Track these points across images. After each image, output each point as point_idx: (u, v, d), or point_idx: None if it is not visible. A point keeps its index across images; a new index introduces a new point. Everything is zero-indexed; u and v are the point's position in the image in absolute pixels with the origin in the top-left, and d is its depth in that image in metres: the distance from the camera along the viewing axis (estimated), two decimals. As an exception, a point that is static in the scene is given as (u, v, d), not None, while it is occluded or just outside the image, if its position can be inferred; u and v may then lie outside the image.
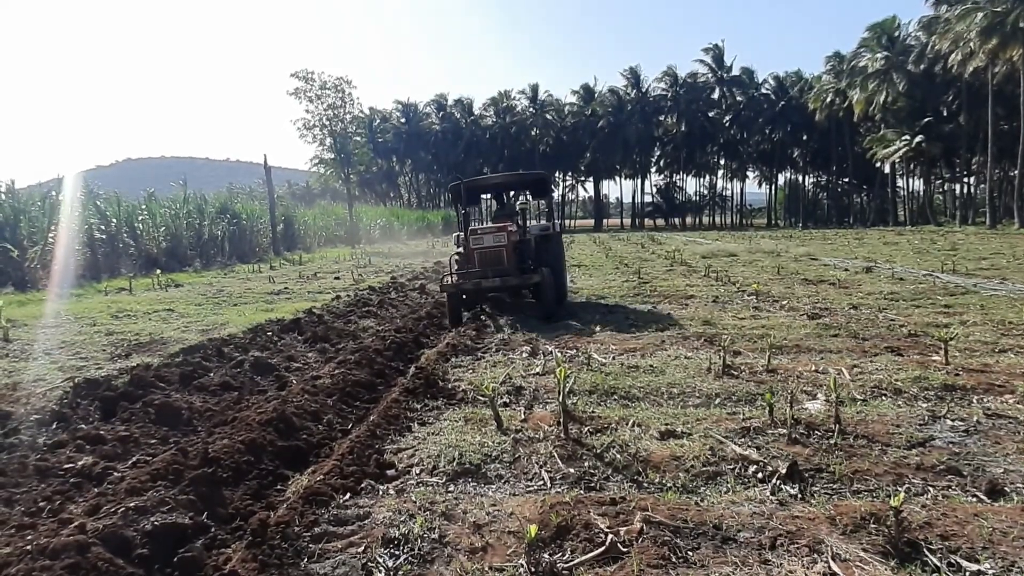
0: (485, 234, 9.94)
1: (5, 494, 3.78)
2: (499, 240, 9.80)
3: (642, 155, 79.69)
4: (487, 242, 9.84)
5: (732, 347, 7.12)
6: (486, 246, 9.83)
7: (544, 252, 10.64)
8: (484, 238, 9.88)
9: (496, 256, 9.79)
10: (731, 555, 2.88)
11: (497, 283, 9.55)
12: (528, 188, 13.11)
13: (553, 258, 10.69)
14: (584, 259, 22.75)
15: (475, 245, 9.89)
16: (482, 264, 9.80)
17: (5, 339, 8.54)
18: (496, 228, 10.01)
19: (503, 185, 12.75)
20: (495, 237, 9.84)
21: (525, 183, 12.92)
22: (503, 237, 9.80)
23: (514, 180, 12.71)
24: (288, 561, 2.93)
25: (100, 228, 20.27)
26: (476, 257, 9.88)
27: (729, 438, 4.33)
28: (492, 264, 9.73)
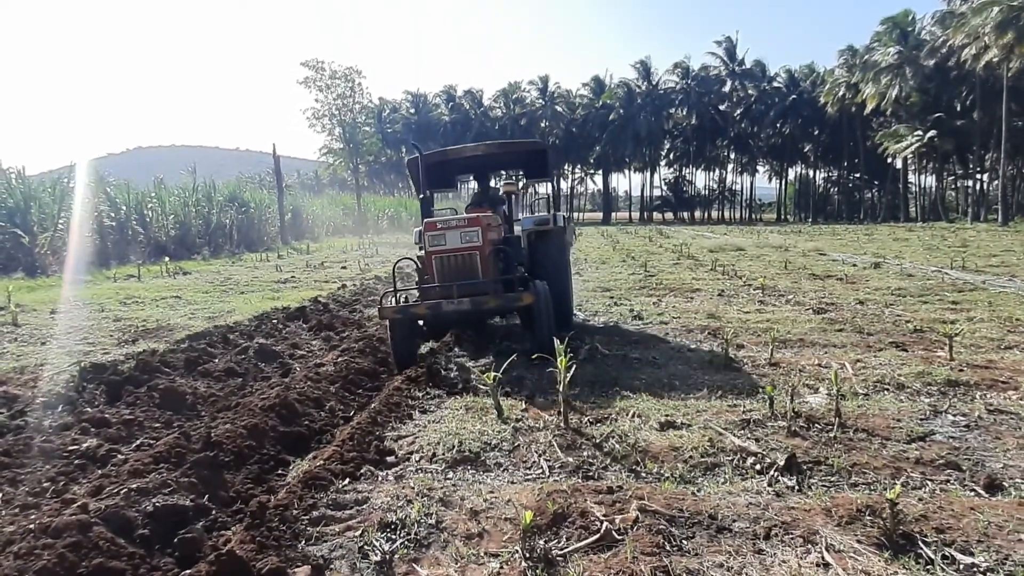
0: (448, 229, 6.31)
1: (10, 475, 3.84)
2: (469, 239, 6.29)
3: (652, 148, 79.31)
4: (451, 242, 6.30)
5: (735, 340, 7.13)
6: (449, 248, 6.31)
7: (541, 256, 7.55)
8: (446, 236, 6.31)
9: (465, 264, 6.35)
10: (725, 544, 2.90)
11: (466, 306, 6.00)
12: (522, 164, 9.31)
13: (553, 265, 7.51)
14: (592, 252, 22.73)
15: (433, 246, 6.33)
16: (444, 276, 6.35)
17: (14, 324, 8.63)
18: (465, 220, 6.41)
19: (486, 160, 8.67)
20: (463, 234, 6.30)
21: (516, 156, 8.96)
22: (475, 234, 6.29)
23: (501, 152, 8.55)
24: (286, 543, 2.96)
25: (110, 215, 20.42)
26: (434, 265, 6.39)
27: (728, 430, 4.34)
28: (459, 276, 6.31)
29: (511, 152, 8.79)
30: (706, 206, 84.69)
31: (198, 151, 49.97)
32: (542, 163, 8.68)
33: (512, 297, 6.13)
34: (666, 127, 78.25)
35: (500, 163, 9.30)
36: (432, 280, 6.46)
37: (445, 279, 6.33)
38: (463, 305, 5.99)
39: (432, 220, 6.49)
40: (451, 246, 6.32)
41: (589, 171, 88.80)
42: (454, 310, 6.05)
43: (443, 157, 8.35)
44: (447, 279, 6.31)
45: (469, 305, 5.99)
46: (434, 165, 8.09)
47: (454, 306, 6.01)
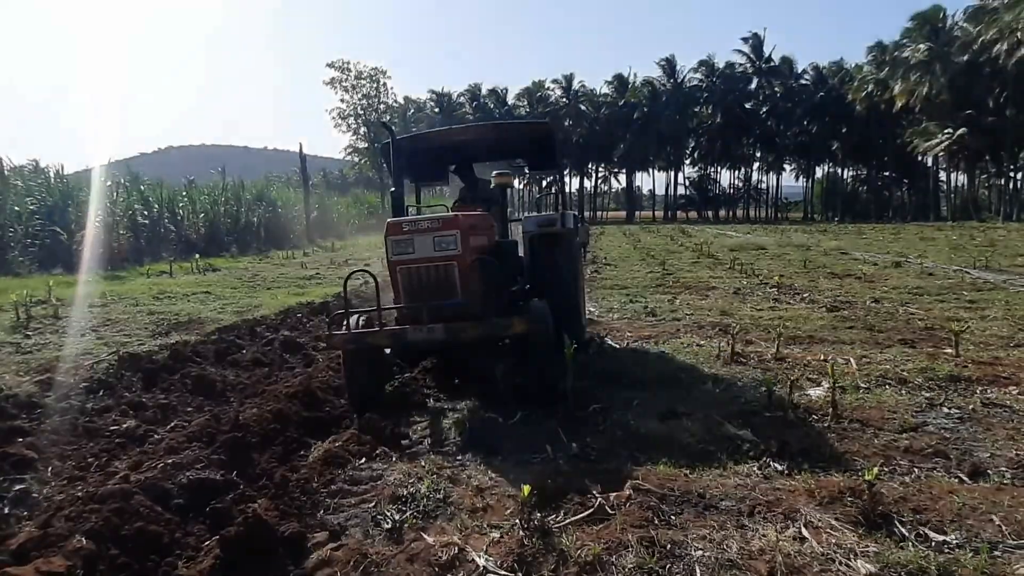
0: (417, 234, 4.80)
1: (58, 451, 4.19)
2: (445, 246, 4.77)
3: (676, 147, 78.91)
4: (420, 249, 4.80)
5: (745, 336, 7.29)
6: (419, 259, 4.82)
7: (546, 266, 6.02)
8: (414, 242, 4.80)
9: (438, 279, 4.85)
10: (710, 519, 3.11)
11: (438, 335, 4.64)
12: (524, 151, 7.66)
13: (561, 276, 6.03)
14: (612, 251, 22.88)
15: (398, 255, 4.85)
16: (411, 294, 4.89)
17: (55, 316, 9.09)
18: (439, 222, 4.84)
19: (480, 146, 7.24)
20: (437, 240, 4.77)
21: (516, 141, 7.35)
22: (452, 240, 4.77)
23: (496, 136, 7.19)
24: (306, 512, 3.25)
25: (143, 213, 21.07)
26: (400, 280, 4.93)
27: (727, 420, 4.54)
28: (431, 294, 4.83)
29: (509, 135, 7.34)
30: (731, 205, 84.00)
31: (228, 151, 51.20)
32: (548, 149, 6.93)
33: (499, 324, 4.61)
34: (691, 125, 77.79)
35: (498, 150, 7.65)
36: (397, 299, 4.95)
37: (413, 298, 4.80)
38: (434, 333, 4.58)
39: (396, 222, 4.86)
40: (421, 255, 4.75)
41: (613, 170, 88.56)
42: (423, 339, 4.65)
43: (427, 142, 6.81)
44: (415, 298, 4.78)
45: (442, 333, 4.56)
46: (418, 152, 6.71)
47: (423, 334, 4.60)
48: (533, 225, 6.17)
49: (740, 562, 2.73)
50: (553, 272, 6.01)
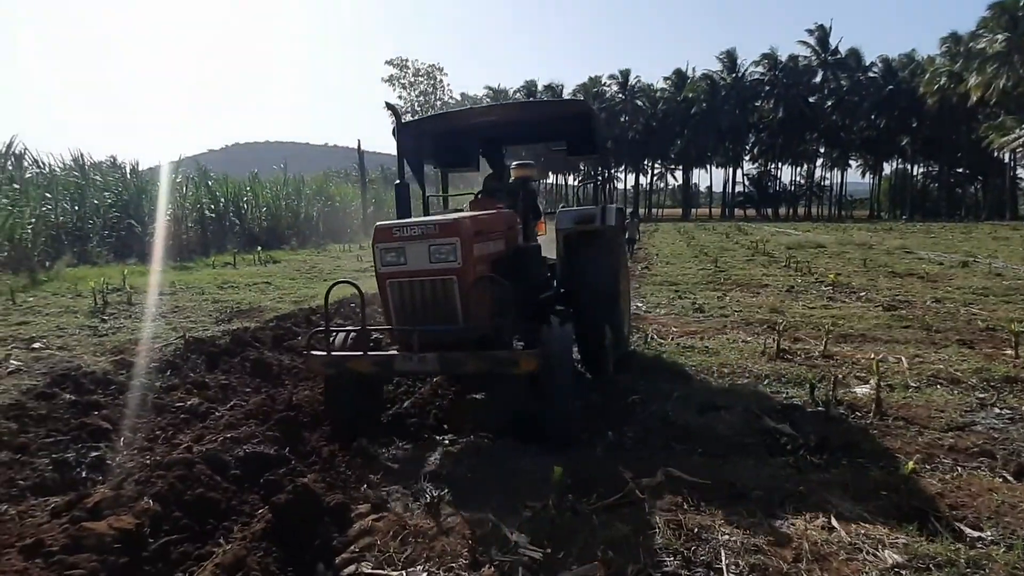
0: (410, 241, 4.00)
1: (130, 423, 4.54)
2: (443, 256, 3.99)
3: (735, 142, 77.12)
4: (414, 260, 4.02)
5: (794, 333, 7.21)
6: (411, 271, 4.05)
7: (583, 269, 5.26)
8: (407, 251, 4.02)
9: (435, 297, 4.07)
10: (740, 508, 3.16)
11: (430, 366, 3.94)
12: (560, 134, 6.34)
13: (601, 281, 5.25)
14: (664, 248, 22.67)
15: (387, 266, 4.09)
16: (403, 315, 4.15)
17: (129, 303, 9.66)
18: (435, 227, 4.00)
19: (507, 129, 6.36)
20: (434, 249, 3.99)
21: (550, 123, 6.28)
22: (452, 250, 3.97)
23: (525, 117, 6.48)
24: (351, 485, 3.46)
25: (210, 207, 21.98)
26: (390, 297, 4.17)
27: (766, 413, 4.54)
28: (426, 315, 4.08)
29: (542, 115, 6.39)
30: (792, 202, 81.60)
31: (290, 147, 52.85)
32: (586, 132, 5.82)
33: (503, 359, 3.80)
34: (751, 120, 75.88)
35: (529, 133, 6.76)
36: (387, 318, 4.21)
37: (405, 319, 4.06)
38: (426, 364, 3.85)
39: (386, 226, 4.00)
40: (414, 267, 3.96)
41: (669, 166, 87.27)
42: (412, 370, 4.04)
43: (445, 125, 6.04)
44: (407, 319, 4.04)
45: (435, 364, 3.84)
46: (438, 136, 6.09)
47: (412, 364, 3.87)
48: (568, 221, 5.32)
49: (766, 548, 2.78)
50: (591, 276, 5.21)
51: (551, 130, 6.45)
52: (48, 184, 17.45)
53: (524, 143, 7.59)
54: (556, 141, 6.45)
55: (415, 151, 5.85)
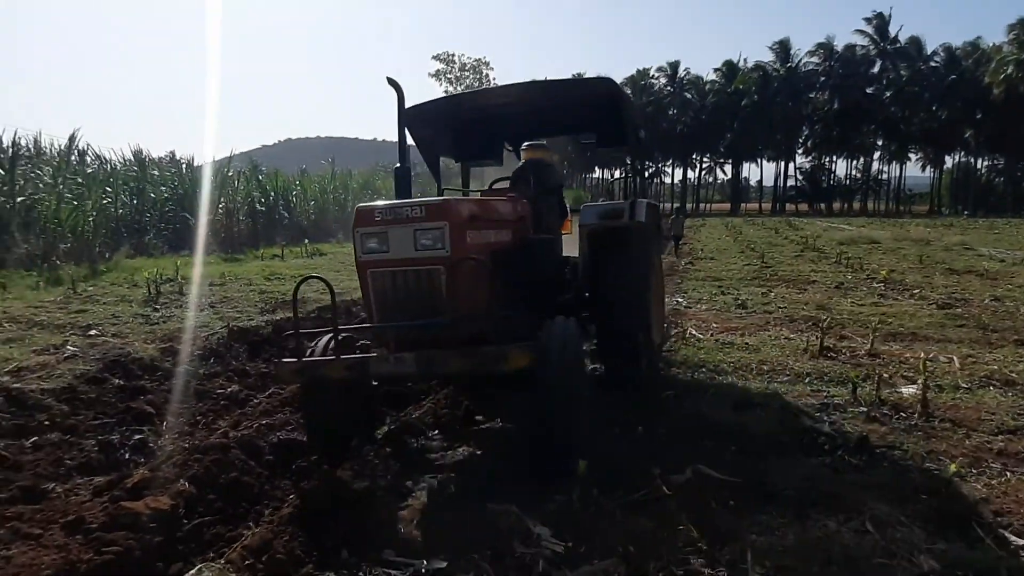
0: (393, 225, 3.51)
1: (173, 408, 4.70)
2: (429, 243, 3.49)
3: (788, 135, 75.04)
4: (397, 247, 3.54)
5: (840, 331, 7.00)
6: (394, 260, 3.56)
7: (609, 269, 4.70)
8: (389, 237, 3.54)
9: (419, 289, 3.57)
10: (770, 508, 3.08)
11: (408, 367, 3.40)
12: (585, 121, 5.83)
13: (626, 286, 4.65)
14: (710, 243, 22.26)
15: (368, 254, 3.60)
16: (384, 309, 3.66)
17: (180, 293, 9.99)
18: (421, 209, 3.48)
19: (528, 114, 5.85)
20: (420, 233, 3.48)
21: (573, 107, 5.71)
22: (439, 234, 3.47)
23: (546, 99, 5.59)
24: (379, 474, 3.50)
25: (260, 201, 22.56)
26: (370, 289, 3.67)
27: (804, 412, 4.42)
28: (409, 310, 3.57)
29: (564, 100, 5.56)
30: (846, 197, 79.03)
31: (340, 142, 53.45)
32: (614, 118, 5.16)
33: (489, 356, 3.28)
34: (804, 112, 73.74)
35: (552, 121, 6.06)
36: (369, 314, 3.71)
37: (387, 313, 3.60)
38: (403, 365, 3.36)
39: (367, 208, 3.57)
40: (397, 255, 3.50)
41: (718, 160, 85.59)
42: (389, 372, 3.44)
43: (456, 109, 5.51)
44: (389, 314, 3.58)
45: (413, 365, 3.34)
46: (453, 124, 5.67)
47: (388, 366, 3.40)
48: (592, 216, 4.84)
49: (795, 549, 2.71)
50: (617, 278, 4.62)
51: (576, 118, 5.89)
52: (109, 178, 18.17)
53: (548, 134, 6.42)
54: (584, 132, 5.91)
55: (427, 141, 5.48)
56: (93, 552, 2.64)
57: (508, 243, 4.22)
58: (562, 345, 3.38)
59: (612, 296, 4.64)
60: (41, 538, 2.81)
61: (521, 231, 4.48)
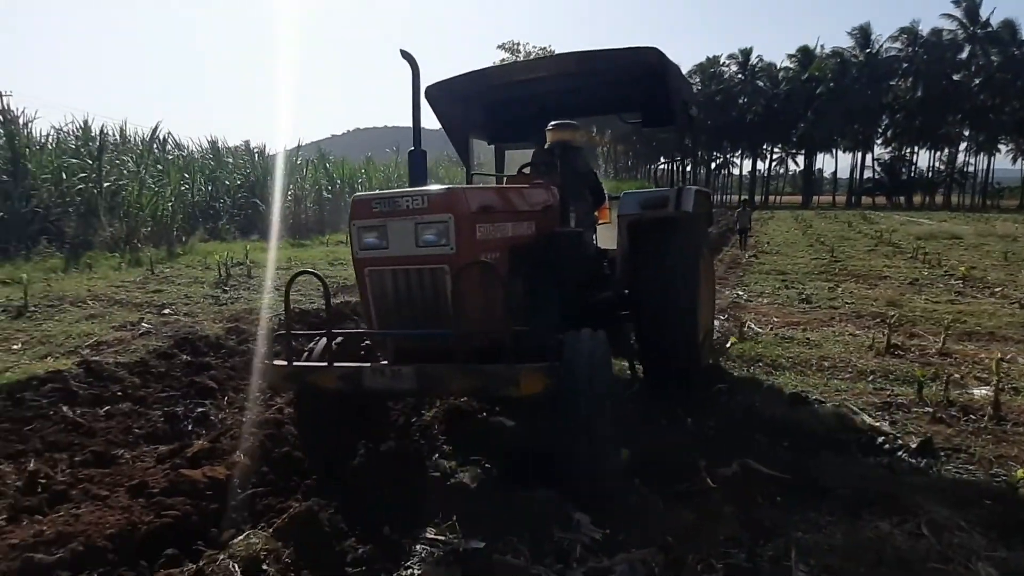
0: (393, 218, 3.06)
1: (234, 384, 4.91)
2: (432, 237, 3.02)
3: (865, 124, 71.71)
4: (397, 244, 3.08)
5: (910, 328, 6.70)
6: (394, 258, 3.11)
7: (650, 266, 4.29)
8: (388, 231, 3.09)
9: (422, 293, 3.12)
10: (819, 505, 2.98)
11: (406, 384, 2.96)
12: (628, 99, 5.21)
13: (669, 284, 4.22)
14: (777, 236, 21.57)
15: (365, 251, 3.18)
16: (383, 313, 3.24)
17: (249, 276, 10.41)
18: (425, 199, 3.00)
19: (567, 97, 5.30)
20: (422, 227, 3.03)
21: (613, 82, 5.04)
22: (443, 228, 3.00)
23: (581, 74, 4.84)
24: (424, 453, 3.57)
25: (327, 188, 23.18)
26: (369, 289, 3.24)
27: (864, 410, 4.25)
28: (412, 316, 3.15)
29: (603, 71, 4.79)
30: (928, 190, 75.06)
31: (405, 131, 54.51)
32: (661, 93, 4.48)
33: (497, 376, 2.82)
34: (884, 100, 70.30)
35: (593, 99, 5.41)
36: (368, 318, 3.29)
37: (387, 318, 3.20)
38: (400, 380, 2.94)
39: (364, 198, 3.16)
40: (397, 252, 3.07)
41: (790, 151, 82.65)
42: (385, 387, 2.99)
43: (484, 86, 4.92)
44: (388, 320, 3.19)
45: (413, 381, 2.93)
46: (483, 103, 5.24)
47: (385, 379, 2.97)
48: (633, 205, 4.38)
49: (843, 548, 2.62)
50: (659, 275, 4.17)
51: (620, 94, 5.18)
52: (187, 166, 19.02)
53: (589, 112, 6.05)
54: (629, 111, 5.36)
55: (455, 120, 5.07)
56: (154, 514, 2.80)
57: (531, 237, 3.68)
58: (589, 367, 2.86)
59: (654, 296, 4.23)
60: (108, 499, 2.99)
61: (547, 223, 3.87)
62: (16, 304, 7.21)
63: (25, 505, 2.97)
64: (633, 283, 4.37)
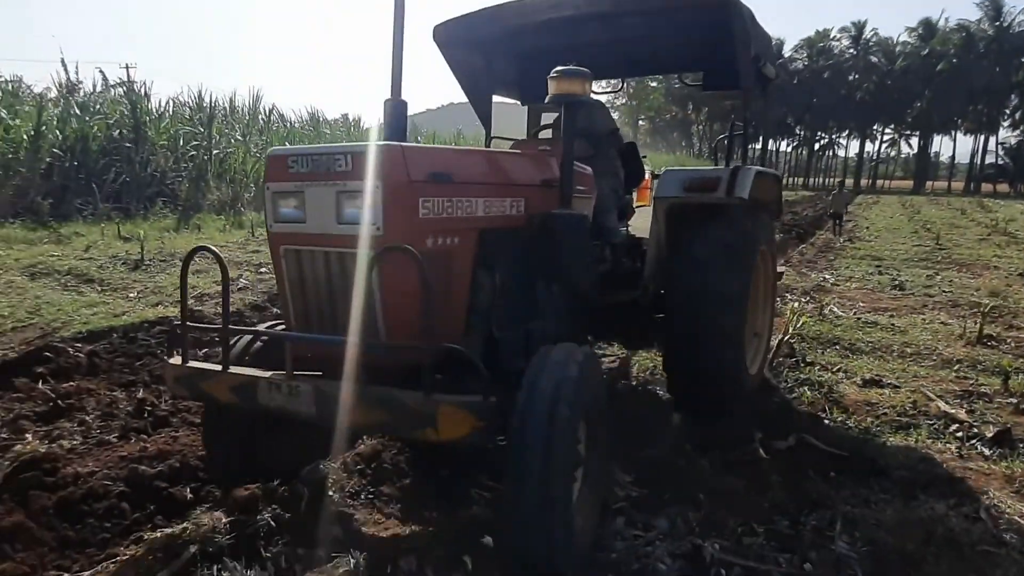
0: (312, 181, 2.23)
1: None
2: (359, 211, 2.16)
3: (991, 105, 65.96)
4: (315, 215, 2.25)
5: (1010, 320, 6.31)
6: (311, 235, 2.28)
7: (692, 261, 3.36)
8: (307, 197, 2.25)
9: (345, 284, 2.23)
10: (874, 483, 2.95)
11: (303, 406, 2.16)
12: (689, 58, 4.49)
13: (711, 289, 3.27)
14: (879, 221, 20.42)
15: (280, 223, 2.33)
16: (303, 308, 2.39)
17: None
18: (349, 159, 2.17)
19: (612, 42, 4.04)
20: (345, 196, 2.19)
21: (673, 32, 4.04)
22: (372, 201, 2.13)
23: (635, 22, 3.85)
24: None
25: (416, 161, 23.88)
26: (285, 276, 2.38)
27: (941, 397, 4.09)
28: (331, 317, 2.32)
29: (656, 17, 3.90)
30: (1062, 178, 68.44)
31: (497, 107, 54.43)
32: (726, 48, 3.45)
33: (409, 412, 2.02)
34: (1014, 79, 64.35)
35: (645, 50, 4.36)
36: (286, 310, 2.51)
37: (303, 317, 2.43)
38: (297, 401, 2.20)
39: (279, 153, 2.38)
40: (315, 228, 2.29)
41: (904, 131, 77.25)
42: (281, 407, 2.25)
43: (513, 23, 3.89)
44: (309, 318, 2.42)
45: (312, 404, 2.17)
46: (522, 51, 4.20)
47: (280, 398, 2.23)
48: (674, 186, 3.53)
49: (891, 524, 2.59)
50: (695, 279, 3.32)
51: (677, 48, 4.29)
52: (288, 135, 19.98)
53: (640, 71, 5.00)
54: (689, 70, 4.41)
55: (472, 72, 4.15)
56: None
57: (516, 220, 2.78)
58: (551, 403, 2.04)
59: (684, 305, 3.38)
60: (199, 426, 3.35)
61: (546, 203, 2.91)
62: (134, 258, 7.95)
63: (133, 426, 3.37)
64: (669, 279, 3.54)
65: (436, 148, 2.71)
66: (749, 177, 3.47)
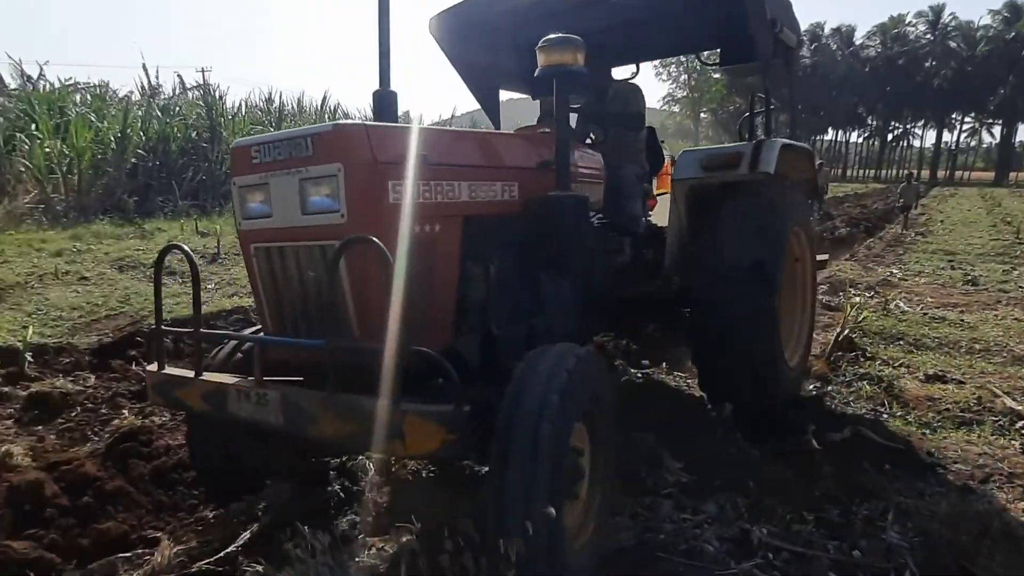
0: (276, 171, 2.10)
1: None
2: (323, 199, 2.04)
3: (1085, 91, 61.85)
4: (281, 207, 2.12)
5: (1091, 317, 6.01)
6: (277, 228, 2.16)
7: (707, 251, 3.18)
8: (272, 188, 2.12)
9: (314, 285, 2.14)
10: (928, 476, 2.93)
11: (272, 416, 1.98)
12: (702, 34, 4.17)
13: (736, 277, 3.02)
14: (954, 214, 19.51)
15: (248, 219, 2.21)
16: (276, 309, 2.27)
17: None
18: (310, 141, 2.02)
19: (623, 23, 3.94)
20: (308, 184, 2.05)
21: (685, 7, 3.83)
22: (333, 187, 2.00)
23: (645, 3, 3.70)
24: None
25: (475, 157, 24.25)
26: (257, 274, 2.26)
27: (1009, 394, 3.99)
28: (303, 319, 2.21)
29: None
30: None
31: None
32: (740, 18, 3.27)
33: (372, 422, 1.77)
34: (1114, 62, 60.05)
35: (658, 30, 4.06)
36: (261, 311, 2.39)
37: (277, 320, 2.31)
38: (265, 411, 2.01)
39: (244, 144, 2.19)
40: (280, 221, 2.15)
41: (985, 120, 73.16)
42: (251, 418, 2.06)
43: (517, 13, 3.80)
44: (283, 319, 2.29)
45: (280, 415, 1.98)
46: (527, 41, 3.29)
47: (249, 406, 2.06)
48: (692, 167, 3.31)
49: (945, 517, 2.58)
50: (717, 263, 3.09)
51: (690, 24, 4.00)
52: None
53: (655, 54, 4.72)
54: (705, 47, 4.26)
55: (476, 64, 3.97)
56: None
57: (510, 206, 2.61)
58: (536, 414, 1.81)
59: (708, 294, 3.11)
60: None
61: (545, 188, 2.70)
62: (211, 251, 8.42)
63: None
64: (689, 269, 3.28)
65: (407, 127, 2.28)
66: (774, 151, 3.21)
